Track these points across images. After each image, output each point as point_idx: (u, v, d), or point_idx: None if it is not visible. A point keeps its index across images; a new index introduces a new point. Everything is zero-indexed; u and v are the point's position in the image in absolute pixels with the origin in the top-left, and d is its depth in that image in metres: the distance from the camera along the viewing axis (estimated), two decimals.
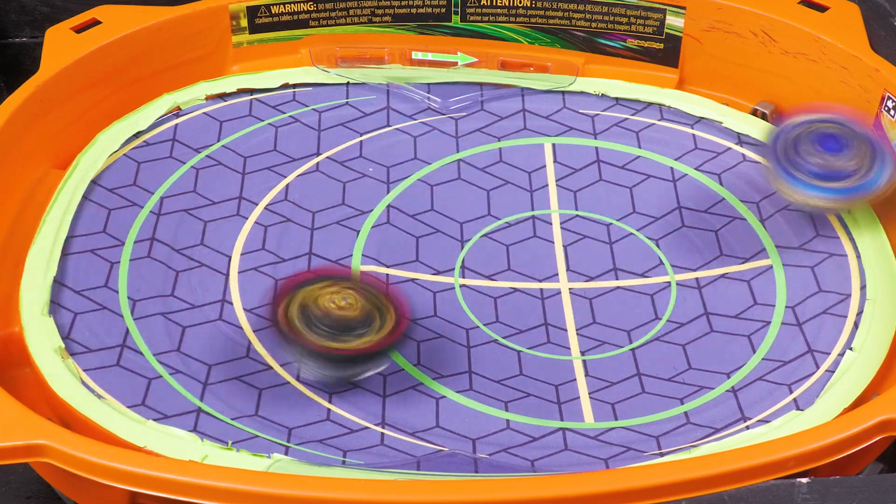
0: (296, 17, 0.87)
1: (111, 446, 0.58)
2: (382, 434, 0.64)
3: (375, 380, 0.67)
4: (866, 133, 0.72)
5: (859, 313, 0.70)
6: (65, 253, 0.72)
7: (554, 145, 0.82)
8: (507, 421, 0.65)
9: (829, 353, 0.68)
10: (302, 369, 0.67)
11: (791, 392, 0.66)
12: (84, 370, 0.66)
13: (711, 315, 0.71)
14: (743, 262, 0.74)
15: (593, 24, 0.87)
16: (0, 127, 0.74)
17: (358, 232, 0.76)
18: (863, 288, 0.71)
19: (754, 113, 0.84)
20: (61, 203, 0.75)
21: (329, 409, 0.66)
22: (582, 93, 0.85)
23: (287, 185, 0.78)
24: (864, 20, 0.82)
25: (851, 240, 0.74)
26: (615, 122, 0.83)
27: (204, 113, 0.83)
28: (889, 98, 0.77)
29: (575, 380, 0.68)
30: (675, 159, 0.80)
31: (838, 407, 0.64)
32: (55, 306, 0.69)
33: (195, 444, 0.62)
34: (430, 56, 0.87)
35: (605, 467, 0.63)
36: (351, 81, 0.85)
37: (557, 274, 0.74)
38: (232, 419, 0.65)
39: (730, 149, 0.81)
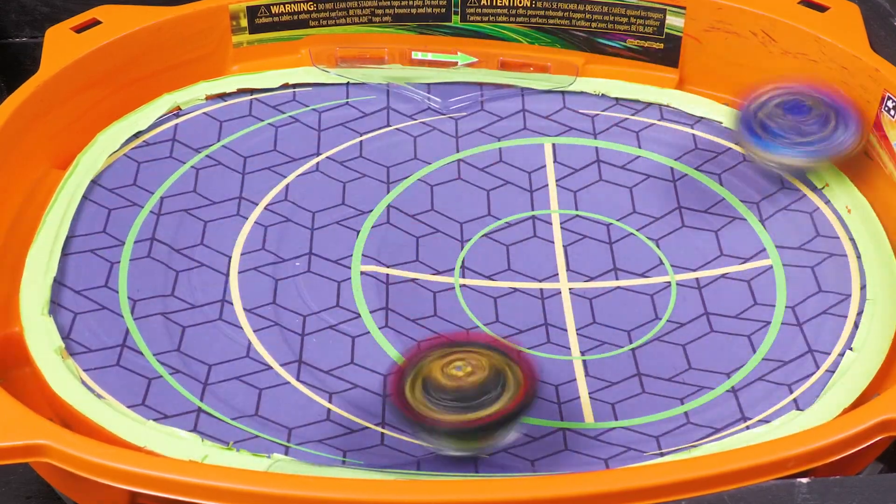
0: (296, 17, 0.87)
1: (111, 446, 0.58)
2: (382, 434, 0.64)
3: (375, 380, 0.67)
4: (831, 98, 0.77)
5: (859, 313, 0.70)
6: (65, 253, 0.72)
7: (554, 145, 0.82)
8: None
9: (829, 353, 0.68)
10: (440, 448, 0.62)
11: (791, 392, 0.66)
12: (84, 370, 0.66)
13: (711, 315, 0.71)
14: (743, 262, 0.74)
15: (593, 24, 0.87)
16: (0, 127, 0.74)
17: (358, 232, 0.76)
18: (863, 288, 0.71)
19: None
20: (61, 203, 0.75)
21: (329, 409, 0.65)
22: (582, 93, 0.85)
23: (287, 185, 0.78)
24: (864, 20, 0.82)
25: (851, 240, 0.74)
26: (615, 122, 0.83)
27: (204, 113, 0.83)
28: (889, 98, 0.77)
29: (575, 380, 0.68)
30: (675, 159, 0.80)
31: (838, 407, 0.64)
32: (55, 306, 0.69)
33: (195, 444, 0.62)
34: (430, 56, 0.87)
35: (605, 467, 0.62)
36: (351, 81, 0.85)
37: (557, 274, 0.74)
38: (232, 419, 0.65)
39: (730, 149, 0.81)
